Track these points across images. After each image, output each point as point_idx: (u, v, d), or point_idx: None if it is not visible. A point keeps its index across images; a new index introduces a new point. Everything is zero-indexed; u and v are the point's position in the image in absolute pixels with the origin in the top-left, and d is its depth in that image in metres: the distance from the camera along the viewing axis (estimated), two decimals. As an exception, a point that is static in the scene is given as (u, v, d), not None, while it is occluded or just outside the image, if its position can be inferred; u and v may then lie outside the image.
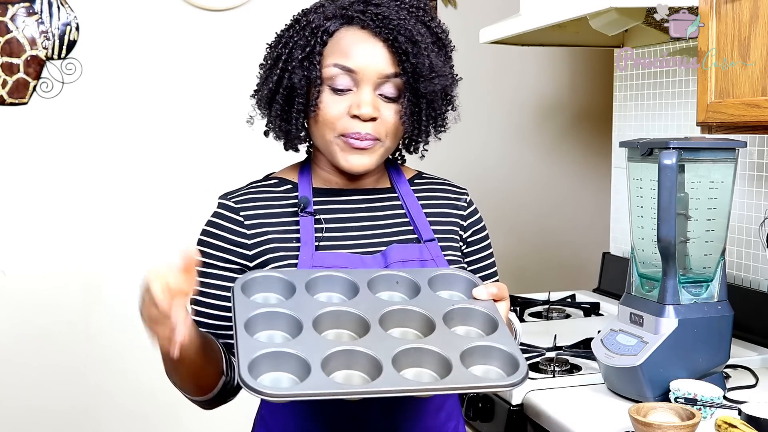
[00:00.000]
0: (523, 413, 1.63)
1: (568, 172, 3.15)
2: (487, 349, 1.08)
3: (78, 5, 2.55)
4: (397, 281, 1.18)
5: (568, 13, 1.76)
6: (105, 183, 2.63)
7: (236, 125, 1.36)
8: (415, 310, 1.13)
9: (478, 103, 2.98)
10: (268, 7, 2.70)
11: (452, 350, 1.06)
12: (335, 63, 1.21)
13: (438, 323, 1.11)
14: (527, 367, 1.05)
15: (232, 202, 1.28)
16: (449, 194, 1.40)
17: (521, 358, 1.06)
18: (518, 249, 3.02)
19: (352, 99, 1.22)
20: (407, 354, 1.05)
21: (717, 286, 1.61)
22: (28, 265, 2.58)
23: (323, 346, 1.04)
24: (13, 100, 2.51)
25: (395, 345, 1.06)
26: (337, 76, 1.21)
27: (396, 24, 1.21)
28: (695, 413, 1.34)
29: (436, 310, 1.13)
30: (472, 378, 1.04)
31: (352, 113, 1.21)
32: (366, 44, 1.22)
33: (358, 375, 1.03)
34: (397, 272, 1.19)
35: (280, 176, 1.34)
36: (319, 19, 1.23)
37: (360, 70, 1.21)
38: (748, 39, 1.41)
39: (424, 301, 1.15)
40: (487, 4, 2.81)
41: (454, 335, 1.10)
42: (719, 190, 1.64)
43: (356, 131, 1.21)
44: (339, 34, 1.23)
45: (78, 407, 2.64)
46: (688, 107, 2.15)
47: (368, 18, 1.21)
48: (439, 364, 1.05)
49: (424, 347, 1.06)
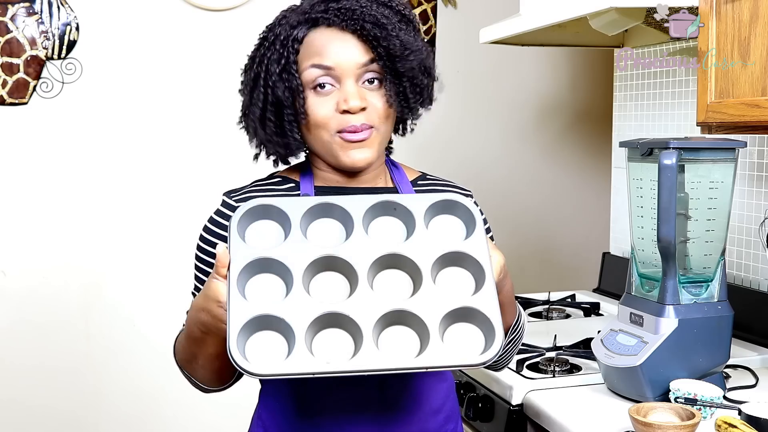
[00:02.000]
0: (523, 413, 1.63)
1: (568, 172, 3.15)
2: (468, 311, 1.10)
3: (78, 5, 2.55)
4: (394, 208, 1.18)
5: (568, 13, 1.76)
6: (105, 183, 2.63)
7: (236, 125, 1.36)
8: (407, 257, 1.14)
9: (478, 103, 2.98)
10: (268, 7, 2.69)
11: (434, 314, 1.08)
12: (312, 64, 1.23)
13: (425, 275, 1.12)
14: (502, 341, 1.06)
15: (233, 201, 1.29)
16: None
17: (498, 327, 1.07)
18: (518, 249, 3.02)
19: (338, 96, 1.23)
20: (392, 313, 1.09)
21: (717, 286, 1.61)
22: (28, 265, 2.58)
23: (310, 309, 1.07)
24: (13, 100, 2.51)
25: (380, 308, 1.08)
26: (317, 77, 1.23)
27: (360, 13, 1.22)
28: (695, 413, 1.34)
29: (428, 255, 1.14)
30: (444, 357, 1.06)
31: (342, 109, 1.22)
32: (336, 40, 1.23)
33: (342, 334, 1.08)
34: (395, 199, 1.19)
35: (284, 175, 1.35)
36: (285, 29, 1.25)
37: (338, 66, 1.22)
38: (748, 39, 1.41)
39: (417, 242, 1.15)
40: (487, 4, 2.81)
41: (438, 292, 1.11)
42: (719, 190, 1.64)
43: (351, 125, 1.22)
44: (308, 38, 1.24)
45: (78, 407, 2.64)
46: (688, 107, 2.15)
47: (332, 15, 1.23)
48: (420, 325, 1.08)
49: (407, 310, 1.09)
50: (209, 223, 1.30)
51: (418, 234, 1.16)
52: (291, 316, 1.07)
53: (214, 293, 1.09)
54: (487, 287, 1.11)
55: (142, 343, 2.65)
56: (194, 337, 1.19)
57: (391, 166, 1.38)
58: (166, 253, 2.66)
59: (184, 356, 1.26)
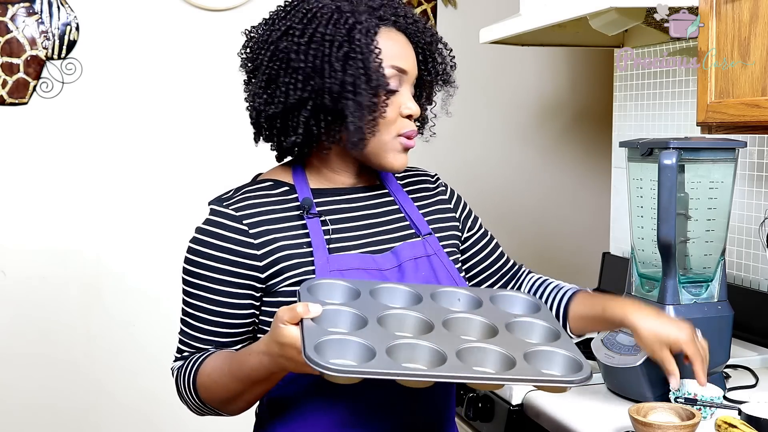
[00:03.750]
0: (523, 413, 1.63)
1: (568, 172, 3.15)
2: (549, 354, 1.08)
3: (78, 5, 2.55)
4: (458, 299, 1.19)
5: (568, 13, 1.76)
6: (105, 183, 2.63)
7: (236, 125, 1.35)
8: (478, 319, 1.14)
9: (478, 104, 2.98)
10: (268, 7, 2.69)
11: (515, 351, 1.06)
12: (392, 65, 1.23)
13: (500, 330, 1.12)
14: (591, 369, 1.06)
15: (231, 210, 1.22)
16: (428, 183, 1.42)
17: (584, 360, 1.07)
18: (518, 249, 3.01)
19: (399, 99, 1.24)
20: (470, 352, 1.06)
21: (717, 286, 1.61)
22: (28, 265, 2.58)
23: (388, 338, 1.05)
24: (13, 100, 2.51)
25: (459, 343, 1.06)
26: (392, 77, 1.23)
27: (422, 26, 1.28)
28: (695, 413, 1.34)
29: (499, 320, 1.14)
30: (537, 372, 1.04)
31: (406, 114, 1.25)
32: (407, 47, 1.26)
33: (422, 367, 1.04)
34: (459, 290, 1.21)
35: (273, 178, 1.30)
36: (354, 16, 1.21)
37: (410, 72, 1.26)
38: (748, 39, 1.41)
39: (486, 312, 1.16)
40: (487, 4, 2.81)
41: (516, 339, 1.11)
42: (719, 190, 1.63)
43: (412, 129, 1.26)
44: (382, 35, 1.24)
45: (78, 407, 2.64)
46: (688, 107, 2.15)
47: (402, 20, 1.26)
48: (502, 363, 1.05)
49: (487, 347, 1.07)
50: (201, 235, 1.22)
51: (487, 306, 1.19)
52: (370, 341, 1.03)
53: (290, 339, 1.04)
54: (564, 339, 1.12)
55: (142, 343, 2.65)
56: (257, 377, 1.13)
57: None
58: (166, 252, 2.66)
59: (226, 395, 1.19)
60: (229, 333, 1.23)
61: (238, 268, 1.20)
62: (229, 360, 1.17)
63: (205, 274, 1.21)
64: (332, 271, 1.20)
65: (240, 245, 1.20)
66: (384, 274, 1.24)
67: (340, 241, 1.25)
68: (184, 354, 1.26)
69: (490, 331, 1.12)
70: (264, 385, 1.16)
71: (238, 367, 1.15)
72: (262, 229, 1.21)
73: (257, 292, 1.22)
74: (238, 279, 1.21)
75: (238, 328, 1.23)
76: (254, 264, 1.21)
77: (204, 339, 1.23)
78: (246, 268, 1.21)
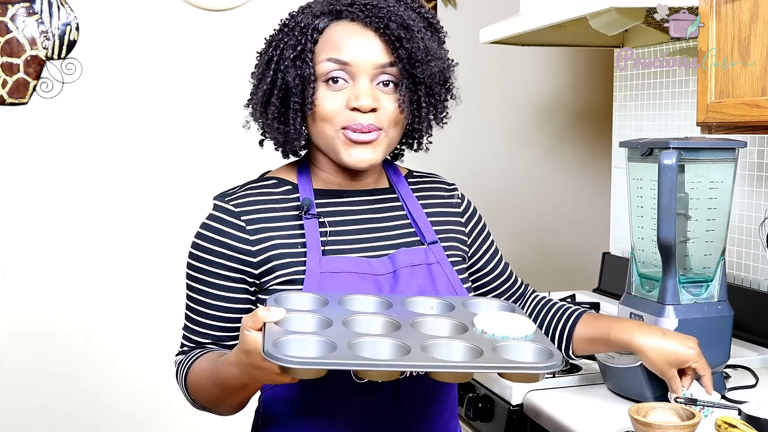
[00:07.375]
0: (523, 413, 1.63)
1: (568, 172, 3.15)
2: (519, 346, 1.06)
3: (78, 5, 2.55)
4: (431, 307, 1.18)
5: (568, 13, 1.76)
6: (105, 183, 2.63)
7: (236, 125, 1.35)
8: (448, 321, 1.12)
9: (478, 103, 2.98)
10: (268, 7, 2.70)
11: (484, 345, 1.04)
12: (328, 58, 1.20)
13: (471, 328, 1.10)
14: (562, 357, 1.04)
15: (231, 206, 1.23)
16: (443, 192, 1.40)
17: (555, 350, 1.04)
18: (518, 249, 3.02)
19: (350, 92, 1.20)
20: (437, 346, 1.03)
21: (717, 286, 1.61)
22: (28, 265, 2.58)
23: (350, 336, 1.03)
24: (13, 100, 2.51)
25: (425, 339, 1.04)
26: (332, 71, 1.20)
27: (386, 12, 1.20)
28: (695, 413, 1.34)
29: (469, 320, 1.12)
30: (504, 360, 1.02)
31: (351, 106, 1.20)
32: (358, 36, 1.21)
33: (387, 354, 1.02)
34: (432, 298, 1.19)
35: (279, 176, 1.31)
36: (308, 17, 1.23)
37: (354, 63, 1.20)
38: (748, 39, 1.41)
39: (456, 315, 1.15)
40: (487, 4, 2.81)
41: (486, 337, 1.08)
42: (719, 190, 1.63)
43: (358, 123, 1.19)
44: (329, 30, 1.22)
45: (78, 408, 2.64)
46: (688, 107, 2.15)
47: (357, 9, 1.21)
48: (470, 354, 1.03)
49: (454, 341, 1.05)
50: (204, 230, 1.24)
51: (459, 310, 1.17)
52: (332, 338, 1.02)
53: (253, 345, 1.02)
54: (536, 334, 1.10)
55: (142, 343, 2.65)
56: (232, 386, 1.13)
57: (386, 165, 1.37)
58: (167, 253, 2.66)
59: (210, 399, 1.20)
60: (225, 327, 1.24)
61: (233, 263, 1.22)
62: (211, 365, 1.17)
63: (203, 267, 1.23)
64: (323, 273, 1.20)
65: (236, 240, 1.22)
66: (378, 279, 1.23)
67: (336, 243, 1.25)
68: (185, 348, 1.27)
69: (460, 330, 1.10)
70: (244, 393, 1.15)
71: (216, 374, 1.15)
72: (259, 226, 1.23)
73: (251, 287, 1.23)
74: (232, 273, 1.22)
75: (234, 323, 1.23)
76: (248, 260, 1.22)
77: (202, 333, 1.25)
78: (240, 263, 1.22)
